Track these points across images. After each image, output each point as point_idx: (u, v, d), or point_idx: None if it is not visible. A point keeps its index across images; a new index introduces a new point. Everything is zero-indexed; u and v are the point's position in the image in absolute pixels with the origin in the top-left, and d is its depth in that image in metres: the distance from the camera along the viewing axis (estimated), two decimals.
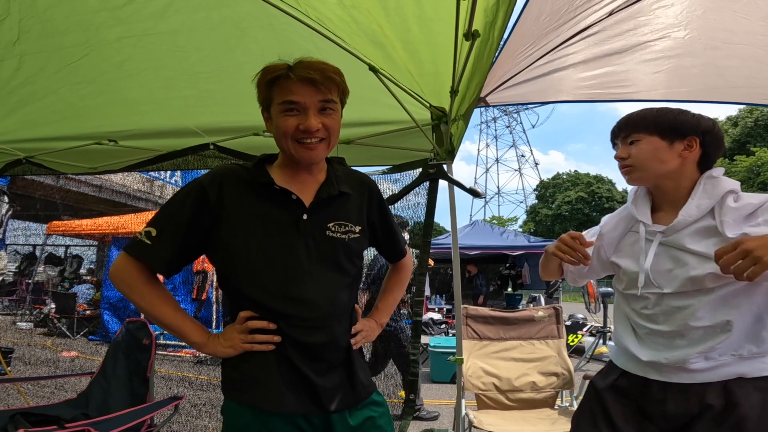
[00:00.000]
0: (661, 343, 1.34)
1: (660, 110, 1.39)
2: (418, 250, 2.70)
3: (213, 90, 2.44)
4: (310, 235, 1.25)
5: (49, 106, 2.56)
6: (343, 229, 1.30)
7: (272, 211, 1.24)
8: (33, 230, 11.93)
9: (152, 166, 3.12)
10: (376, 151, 2.86)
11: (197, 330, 1.28)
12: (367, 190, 1.42)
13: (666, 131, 1.36)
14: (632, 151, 1.39)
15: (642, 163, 1.38)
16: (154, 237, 1.22)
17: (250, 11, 1.84)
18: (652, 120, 1.37)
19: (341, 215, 1.31)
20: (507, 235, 11.90)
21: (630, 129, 1.40)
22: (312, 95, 1.21)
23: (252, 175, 1.27)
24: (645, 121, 1.38)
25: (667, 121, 1.36)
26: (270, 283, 1.23)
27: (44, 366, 5.89)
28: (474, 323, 3.30)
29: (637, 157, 1.39)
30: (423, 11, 1.70)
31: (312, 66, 1.22)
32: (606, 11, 1.76)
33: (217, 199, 1.23)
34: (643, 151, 1.37)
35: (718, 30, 1.89)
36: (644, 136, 1.38)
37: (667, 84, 2.22)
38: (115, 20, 1.88)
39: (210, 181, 1.25)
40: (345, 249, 1.30)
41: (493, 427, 2.68)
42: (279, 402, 1.21)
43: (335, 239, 1.28)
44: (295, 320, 1.23)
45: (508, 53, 1.92)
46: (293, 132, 1.21)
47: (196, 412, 4.11)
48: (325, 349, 1.26)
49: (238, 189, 1.25)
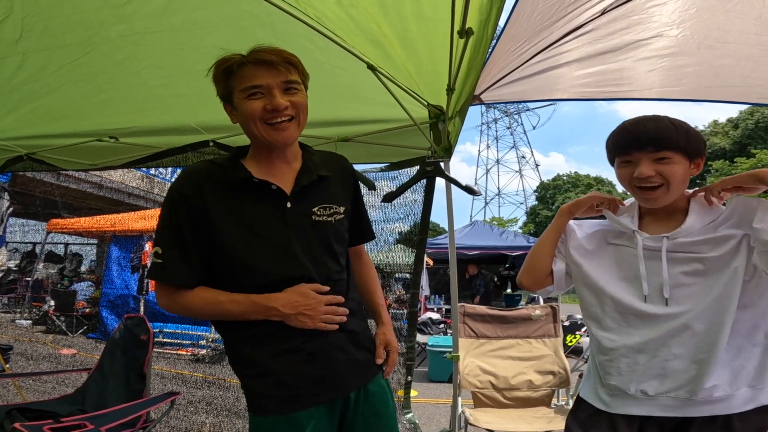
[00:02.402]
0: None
1: (684, 127, 1.27)
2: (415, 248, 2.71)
3: (213, 87, 2.45)
4: (297, 223, 1.25)
5: (50, 103, 2.58)
6: (329, 212, 1.30)
7: (254, 207, 1.23)
8: (32, 226, 11.95)
9: (152, 162, 3.13)
10: (373, 149, 2.87)
11: (250, 301, 1.22)
12: (347, 171, 1.42)
13: (691, 151, 1.26)
14: (663, 170, 1.24)
15: (676, 186, 1.26)
16: (162, 254, 1.21)
17: (251, 10, 1.86)
18: (683, 139, 1.25)
19: (325, 198, 1.31)
20: (506, 236, 11.91)
21: (662, 145, 1.24)
22: (273, 76, 1.20)
23: (228, 172, 1.24)
24: (677, 139, 1.24)
25: (693, 141, 1.26)
26: (267, 279, 1.22)
27: (43, 362, 5.91)
28: (471, 321, 3.31)
29: (673, 178, 1.25)
30: (421, 10, 1.72)
31: (267, 50, 1.21)
32: (599, 9, 1.77)
33: (200, 199, 1.21)
34: (677, 172, 1.25)
35: (712, 29, 1.89)
36: (675, 155, 1.24)
37: (661, 83, 2.23)
38: (116, 18, 1.90)
39: (185, 184, 1.23)
40: (333, 231, 1.31)
41: (489, 425, 2.69)
42: (307, 399, 1.25)
43: (323, 222, 1.28)
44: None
45: (501, 51, 1.93)
46: (261, 113, 1.19)
47: (193, 408, 4.13)
48: (333, 333, 1.29)
49: (216, 188, 1.23)
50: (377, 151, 2.91)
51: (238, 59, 1.21)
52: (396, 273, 12.97)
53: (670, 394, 1.24)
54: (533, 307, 3.44)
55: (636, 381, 1.28)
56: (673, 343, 1.24)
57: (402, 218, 3.28)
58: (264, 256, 1.22)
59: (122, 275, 8.27)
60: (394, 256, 11.84)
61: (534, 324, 3.29)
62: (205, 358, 6.61)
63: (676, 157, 1.25)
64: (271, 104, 1.19)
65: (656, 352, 1.26)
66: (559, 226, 1.48)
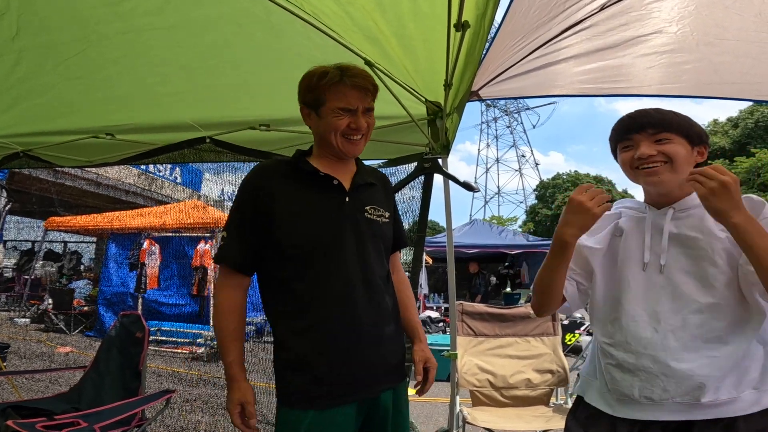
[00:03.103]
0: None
1: (685, 116, 1.28)
2: (413, 245, 2.70)
3: (210, 85, 2.46)
4: (352, 215, 1.42)
5: (47, 101, 2.58)
6: (378, 213, 1.47)
7: (317, 196, 1.41)
8: (26, 224, 11.93)
9: (148, 159, 3.12)
10: (371, 145, 2.81)
11: (236, 362, 1.38)
12: (387, 183, 1.64)
13: (693, 136, 1.26)
14: (664, 149, 1.24)
15: (680, 165, 1.24)
16: (226, 238, 1.42)
17: (247, 7, 1.86)
18: (685, 123, 1.26)
19: (375, 201, 1.49)
20: (506, 234, 11.92)
21: (661, 126, 1.24)
22: (362, 101, 1.40)
23: (294, 166, 1.44)
24: (677, 122, 1.25)
25: (695, 127, 1.26)
26: (319, 265, 1.36)
27: (39, 360, 5.90)
28: (470, 320, 3.29)
29: (675, 155, 1.23)
30: (418, 7, 1.71)
31: (360, 75, 1.40)
32: (597, 5, 1.76)
33: (269, 188, 1.39)
34: (679, 152, 1.23)
35: (711, 26, 1.89)
36: (675, 137, 1.24)
37: (660, 79, 2.22)
38: (113, 16, 1.90)
39: (256, 176, 1.43)
40: (380, 231, 1.47)
41: (487, 424, 2.68)
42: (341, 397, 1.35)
43: (373, 221, 1.45)
44: (348, 298, 1.36)
45: (499, 47, 1.92)
46: (344, 129, 1.40)
47: (189, 407, 4.11)
48: (376, 326, 1.40)
49: (285, 180, 1.42)
50: (375, 148, 2.89)
51: (338, 78, 1.37)
52: None
53: (676, 399, 1.21)
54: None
55: (639, 387, 1.24)
56: None
57: (402, 213, 3.27)
58: (318, 240, 1.37)
59: (120, 273, 8.27)
60: None
61: (533, 322, 3.28)
62: (203, 357, 6.60)
63: (677, 138, 1.24)
64: (356, 124, 1.40)
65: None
66: (568, 256, 1.32)
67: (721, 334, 1.19)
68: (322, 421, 1.31)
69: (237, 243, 1.40)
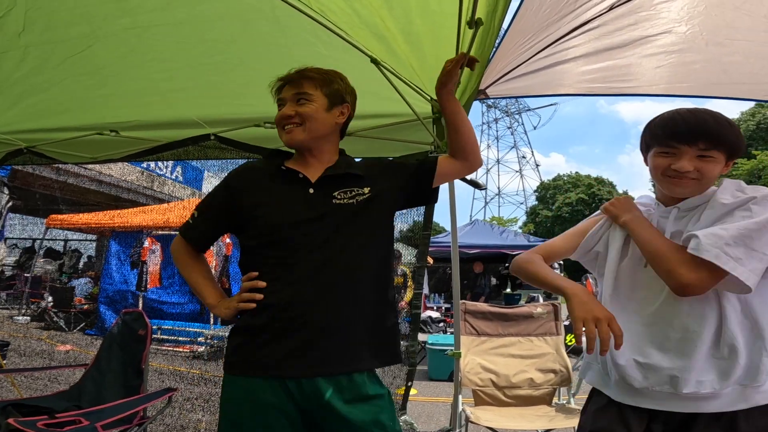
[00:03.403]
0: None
1: (735, 127, 1.23)
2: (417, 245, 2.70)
3: (216, 81, 2.45)
4: (317, 206, 1.40)
5: (52, 97, 2.57)
6: (349, 195, 1.43)
7: (282, 189, 1.43)
8: (29, 221, 11.93)
9: (152, 156, 3.11)
10: (376, 143, 2.85)
11: (214, 294, 1.50)
12: (375, 164, 1.58)
13: (735, 152, 1.24)
14: (702, 167, 1.21)
15: (706, 183, 1.24)
16: (196, 218, 1.52)
17: (255, 3, 1.86)
18: (734, 138, 1.22)
19: (346, 184, 1.45)
20: (507, 235, 11.90)
21: (716, 141, 1.20)
22: (288, 90, 1.46)
23: (266, 163, 1.51)
24: (729, 137, 1.21)
25: (741, 143, 1.23)
26: (282, 254, 1.36)
27: (38, 358, 5.90)
28: (472, 319, 3.29)
29: (709, 174, 1.22)
30: (426, 4, 1.70)
31: (296, 69, 1.47)
32: (607, 5, 1.75)
33: (239, 187, 1.46)
34: (714, 171, 1.23)
35: (721, 26, 1.88)
36: (720, 155, 1.21)
37: (668, 79, 2.21)
38: (120, 12, 1.89)
39: (236, 174, 1.50)
40: (355, 212, 1.41)
41: (490, 423, 2.68)
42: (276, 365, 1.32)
43: (343, 205, 1.41)
44: (307, 286, 1.34)
45: (508, 45, 1.91)
46: (278, 120, 1.47)
47: (190, 405, 4.10)
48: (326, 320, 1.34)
49: (256, 175, 1.48)
50: (380, 146, 2.89)
51: (279, 83, 1.49)
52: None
53: (655, 387, 1.23)
54: (534, 305, 3.42)
55: (621, 373, 1.28)
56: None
57: (403, 213, 3.25)
58: (282, 232, 1.38)
59: (121, 270, 8.26)
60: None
61: (535, 322, 3.27)
62: (203, 355, 6.59)
63: (720, 156, 1.22)
64: (280, 113, 1.46)
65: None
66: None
67: (697, 329, 1.21)
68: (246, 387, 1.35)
69: (201, 224, 1.52)
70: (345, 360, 1.33)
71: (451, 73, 1.49)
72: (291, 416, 1.31)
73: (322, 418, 1.31)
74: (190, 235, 1.54)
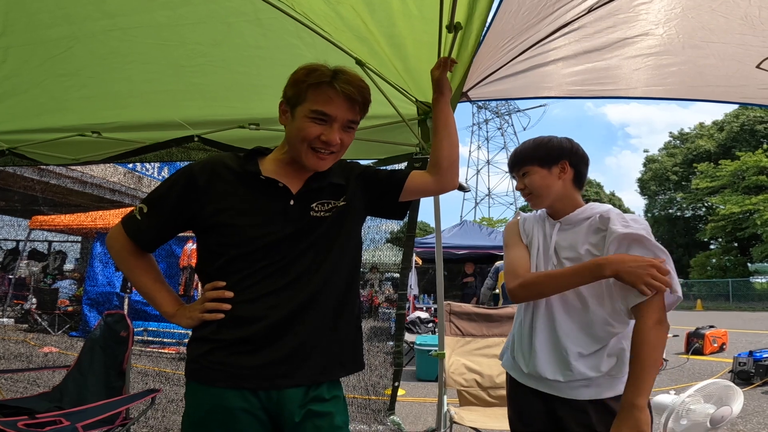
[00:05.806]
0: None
1: (541, 142, 1.59)
2: (403, 246, 2.70)
3: (199, 83, 2.44)
4: (295, 220, 1.28)
5: (32, 98, 2.55)
6: (326, 207, 1.33)
7: (259, 200, 1.28)
8: (6, 221, 11.73)
9: (135, 157, 3.09)
10: (362, 145, 2.85)
11: (170, 301, 1.35)
12: (352, 168, 1.46)
13: (545, 160, 1.55)
14: (526, 182, 1.59)
15: (537, 190, 1.57)
16: (145, 214, 1.31)
17: (237, 6, 1.85)
18: (534, 153, 1.58)
19: (323, 195, 1.34)
20: (495, 236, 11.94)
21: (519, 164, 1.60)
22: (345, 112, 1.26)
23: (241, 165, 1.30)
24: (528, 154, 1.59)
25: (540, 152, 1.56)
26: (253, 267, 1.25)
27: (17, 361, 5.80)
28: (457, 320, 3.30)
29: (531, 185, 1.58)
30: (407, 8, 1.72)
31: (353, 83, 1.26)
32: (585, 7, 1.76)
33: (206, 186, 1.27)
34: (534, 180, 1.57)
35: (697, 28, 1.90)
36: (531, 168, 1.57)
37: (647, 82, 2.23)
38: (100, 13, 1.88)
39: (201, 169, 1.29)
40: (330, 224, 1.32)
41: (474, 423, 2.69)
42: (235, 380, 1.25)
43: (320, 219, 1.31)
44: (273, 304, 1.25)
45: (488, 48, 1.92)
46: (312, 140, 1.25)
47: (174, 407, 4.06)
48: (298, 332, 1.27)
49: (228, 178, 1.29)
50: (365, 148, 2.90)
51: (327, 78, 1.24)
52: (385, 272, 12.96)
53: (533, 373, 1.50)
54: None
55: (515, 357, 1.60)
56: (536, 326, 1.51)
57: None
58: (256, 247, 1.26)
59: (105, 272, 8.16)
60: (381, 255, 11.81)
61: None
62: None
63: (533, 169, 1.57)
64: (327, 137, 1.25)
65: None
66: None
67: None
68: (214, 396, 1.29)
69: (153, 222, 1.31)
70: (314, 372, 1.29)
71: (440, 81, 1.48)
72: (263, 421, 1.26)
73: (291, 427, 1.28)
74: (137, 235, 1.32)
